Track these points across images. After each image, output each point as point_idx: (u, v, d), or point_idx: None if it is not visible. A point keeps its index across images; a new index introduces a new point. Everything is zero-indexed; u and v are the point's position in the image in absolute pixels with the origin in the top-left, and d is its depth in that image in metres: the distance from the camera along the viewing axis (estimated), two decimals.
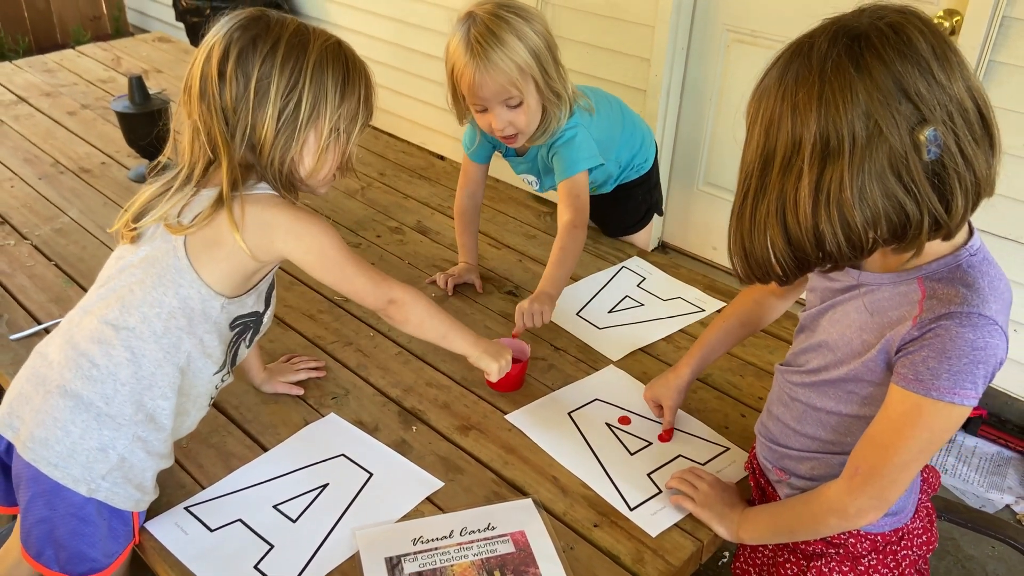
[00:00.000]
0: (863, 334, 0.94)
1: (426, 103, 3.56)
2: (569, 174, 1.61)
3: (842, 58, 0.79)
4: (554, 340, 1.57)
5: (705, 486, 1.18)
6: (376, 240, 1.89)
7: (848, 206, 0.81)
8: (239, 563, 1.10)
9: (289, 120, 1.05)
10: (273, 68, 1.04)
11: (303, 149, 1.08)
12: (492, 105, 1.51)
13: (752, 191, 0.88)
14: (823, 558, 1.08)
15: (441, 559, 1.11)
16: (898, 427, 0.91)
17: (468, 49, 1.45)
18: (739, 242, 0.91)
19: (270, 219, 1.07)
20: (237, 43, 1.04)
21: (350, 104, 1.10)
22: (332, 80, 1.07)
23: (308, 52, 1.06)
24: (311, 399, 1.40)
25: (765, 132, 0.85)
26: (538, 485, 1.24)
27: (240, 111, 1.04)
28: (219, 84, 1.04)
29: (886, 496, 0.96)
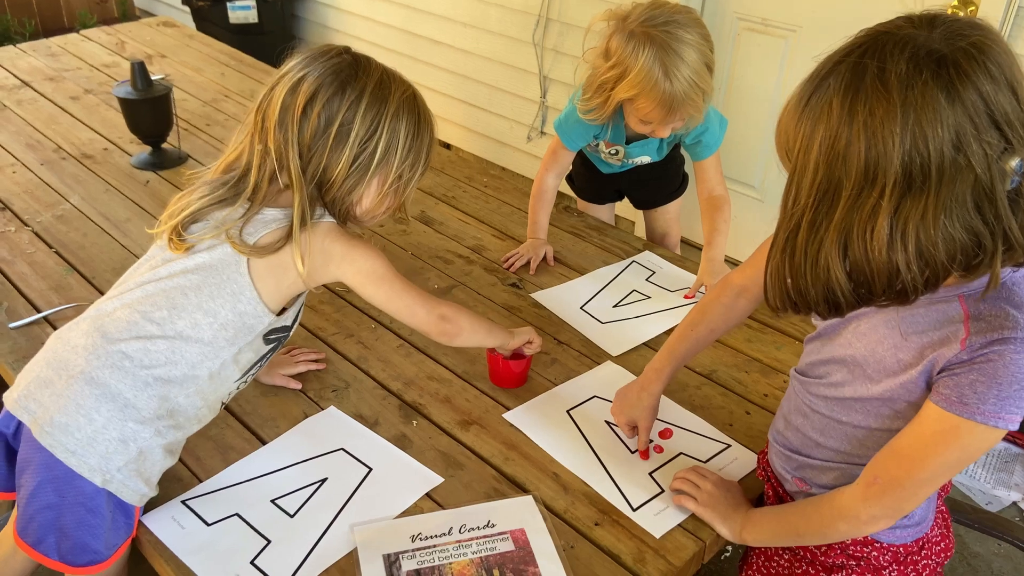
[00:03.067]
0: (898, 353, 0.90)
1: (433, 90, 3.53)
2: (715, 149, 1.72)
3: (929, 84, 0.73)
4: (557, 334, 1.56)
5: (709, 485, 1.16)
6: (379, 230, 1.87)
7: (929, 241, 0.76)
8: (236, 558, 1.09)
9: (362, 166, 1.11)
10: (356, 116, 1.09)
11: (366, 192, 1.14)
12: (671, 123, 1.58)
13: (808, 224, 0.81)
14: (844, 570, 1.06)
15: (440, 557, 1.09)
16: (929, 444, 0.88)
17: (666, 76, 1.47)
18: (785, 278, 0.84)
19: (329, 248, 1.14)
20: (328, 87, 1.09)
21: (415, 154, 1.16)
22: (405, 131, 1.13)
23: (388, 102, 1.12)
24: (311, 391, 1.38)
25: (827, 160, 0.78)
26: (539, 482, 1.22)
27: (316, 149, 1.09)
28: (301, 120, 1.09)
29: (902, 508, 0.94)
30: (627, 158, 1.82)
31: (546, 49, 3.04)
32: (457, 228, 1.90)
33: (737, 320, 1.25)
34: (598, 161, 1.90)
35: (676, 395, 1.40)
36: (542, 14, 2.98)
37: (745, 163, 2.66)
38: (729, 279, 1.23)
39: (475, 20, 3.24)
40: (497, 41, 3.20)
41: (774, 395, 1.41)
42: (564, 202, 2.04)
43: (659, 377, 1.26)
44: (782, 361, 1.49)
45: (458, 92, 3.46)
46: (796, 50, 2.48)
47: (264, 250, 1.10)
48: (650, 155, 1.81)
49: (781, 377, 1.45)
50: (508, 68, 3.20)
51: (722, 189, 1.74)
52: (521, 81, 3.18)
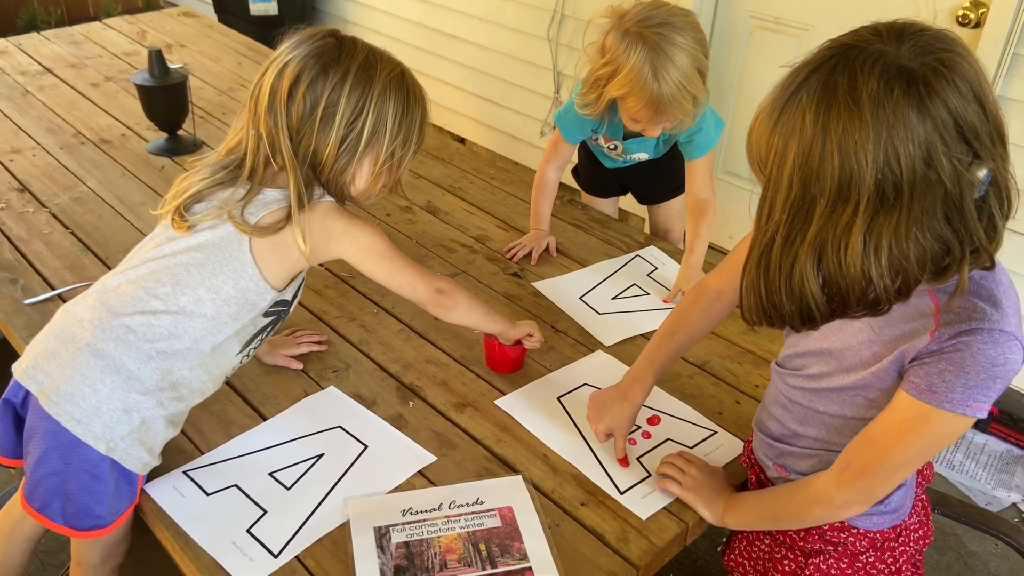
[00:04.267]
0: (872, 346, 0.93)
1: (449, 84, 3.57)
2: (707, 150, 1.72)
3: (900, 102, 0.75)
4: (555, 323, 1.59)
5: (694, 470, 1.19)
6: (386, 219, 1.91)
7: (902, 253, 0.78)
8: (232, 526, 1.13)
9: (350, 146, 1.13)
10: (340, 97, 1.11)
11: (358, 172, 1.16)
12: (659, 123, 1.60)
13: (782, 238, 0.82)
14: (821, 555, 1.09)
15: (428, 530, 1.13)
16: (900, 431, 0.90)
17: (655, 78, 1.49)
18: (760, 291, 0.86)
19: (329, 226, 1.17)
20: (311, 69, 1.11)
21: (406, 133, 1.17)
22: (393, 110, 1.15)
23: (374, 82, 1.13)
24: (312, 372, 1.42)
25: (802, 176, 0.79)
26: (529, 463, 1.25)
27: (304, 132, 1.12)
28: (287, 104, 1.11)
29: (873, 493, 0.97)
30: (625, 154, 1.84)
31: (560, 45, 3.06)
32: (462, 218, 1.93)
33: (715, 323, 1.27)
34: (601, 155, 1.93)
35: (668, 384, 1.43)
36: (557, 10, 3.00)
37: None
38: (705, 283, 1.25)
39: (491, 15, 3.28)
40: (512, 36, 3.23)
41: (765, 386, 1.42)
42: (569, 195, 2.07)
43: (641, 388, 1.25)
44: (775, 353, 1.47)
45: (473, 87, 3.50)
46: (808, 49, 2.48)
47: (266, 230, 1.13)
48: (648, 152, 1.83)
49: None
50: (522, 63, 3.23)
51: (709, 193, 1.74)
52: (535, 76, 3.21)
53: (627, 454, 1.26)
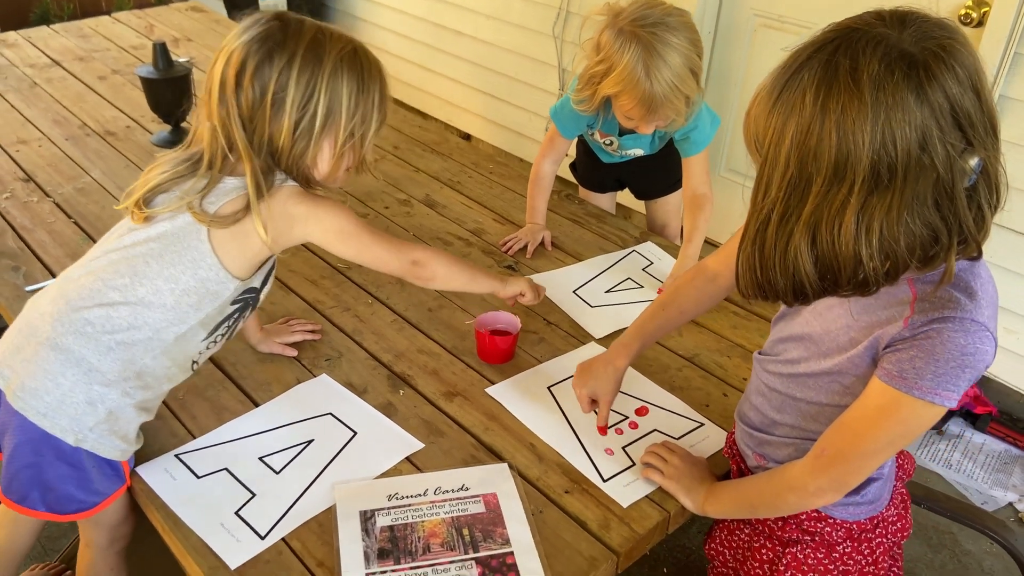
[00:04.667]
0: (850, 331, 0.94)
1: (455, 80, 3.59)
2: (703, 147, 1.73)
3: (900, 85, 0.75)
4: (547, 315, 1.60)
5: (676, 459, 1.20)
6: (384, 211, 1.93)
7: (892, 236, 0.79)
8: (221, 508, 1.15)
9: (305, 130, 1.11)
10: (289, 80, 1.09)
11: (319, 155, 1.15)
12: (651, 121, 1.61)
13: (778, 216, 0.83)
14: (798, 544, 1.10)
15: (413, 515, 1.15)
16: (872, 418, 0.91)
17: (648, 77, 1.51)
18: (756, 267, 0.87)
19: (291, 210, 1.15)
20: (255, 55, 1.09)
21: (363, 111, 1.15)
22: (347, 89, 1.12)
23: (323, 63, 1.11)
24: (305, 360, 1.45)
25: (799, 155, 0.80)
26: (515, 451, 1.27)
27: (257, 120, 1.11)
28: (236, 93, 1.10)
29: (846, 481, 0.98)
30: (621, 149, 1.85)
31: (565, 42, 3.07)
32: (459, 211, 1.95)
33: (708, 304, 1.28)
34: (599, 150, 1.94)
35: (656, 376, 1.44)
36: (563, 7, 3.01)
37: None
38: (704, 264, 1.27)
39: (497, 12, 3.29)
40: (518, 33, 3.24)
41: None
42: (566, 190, 2.09)
43: (626, 352, 1.27)
44: None
45: (479, 83, 3.51)
46: None
47: (225, 220, 1.12)
48: (643, 148, 1.85)
49: None
50: (528, 60, 3.24)
51: (706, 188, 1.75)
52: (540, 73, 3.22)
53: (606, 425, 1.29)
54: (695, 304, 1.29)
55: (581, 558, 1.10)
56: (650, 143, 1.83)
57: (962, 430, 2.37)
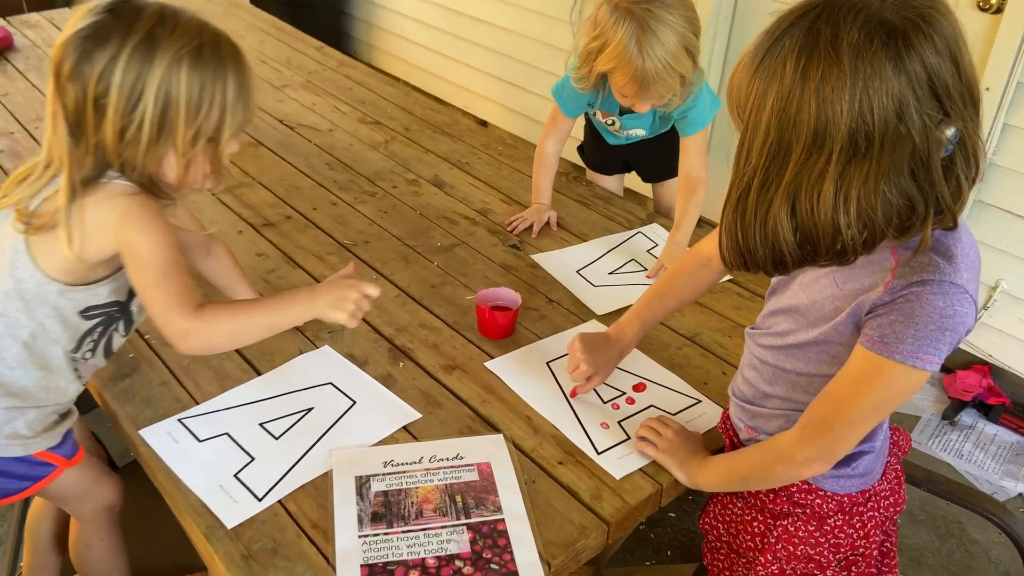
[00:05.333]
0: (835, 300, 0.95)
1: (473, 67, 3.60)
2: (700, 127, 1.72)
3: (879, 54, 0.76)
4: (549, 293, 1.61)
5: (670, 433, 1.21)
6: (392, 190, 1.95)
7: (870, 205, 0.79)
8: (221, 470, 1.17)
9: (132, 139, 1.01)
10: (110, 84, 0.98)
11: (162, 162, 1.05)
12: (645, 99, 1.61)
13: (758, 184, 0.84)
14: (790, 517, 1.10)
15: (407, 481, 1.17)
16: (855, 384, 0.92)
17: (640, 54, 1.51)
18: (737, 236, 0.87)
19: (105, 214, 1.03)
20: (73, 53, 0.99)
21: (211, 113, 1.03)
22: (186, 89, 1.00)
23: (155, 61, 0.99)
24: (308, 331, 1.47)
25: (779, 122, 0.81)
26: (511, 423, 1.28)
27: (84, 122, 1.01)
28: (60, 93, 1.01)
29: (833, 449, 0.98)
30: (623, 129, 1.86)
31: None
32: (466, 191, 1.96)
33: (703, 288, 1.30)
34: (605, 132, 1.94)
35: (656, 354, 1.45)
36: None
37: None
38: (698, 249, 1.28)
39: None
40: (535, 19, 3.24)
41: None
42: (574, 172, 2.09)
43: (630, 341, 1.32)
44: None
45: (496, 70, 3.52)
46: None
47: (42, 218, 1.04)
48: (644, 128, 1.85)
49: None
50: (545, 46, 3.24)
51: (701, 170, 1.74)
52: (557, 60, 3.20)
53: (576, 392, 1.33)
54: (691, 291, 1.30)
55: (572, 526, 1.11)
56: (650, 124, 1.83)
57: (974, 421, 2.35)
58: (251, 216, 1.81)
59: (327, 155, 2.10)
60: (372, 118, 2.32)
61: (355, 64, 2.71)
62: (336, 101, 2.42)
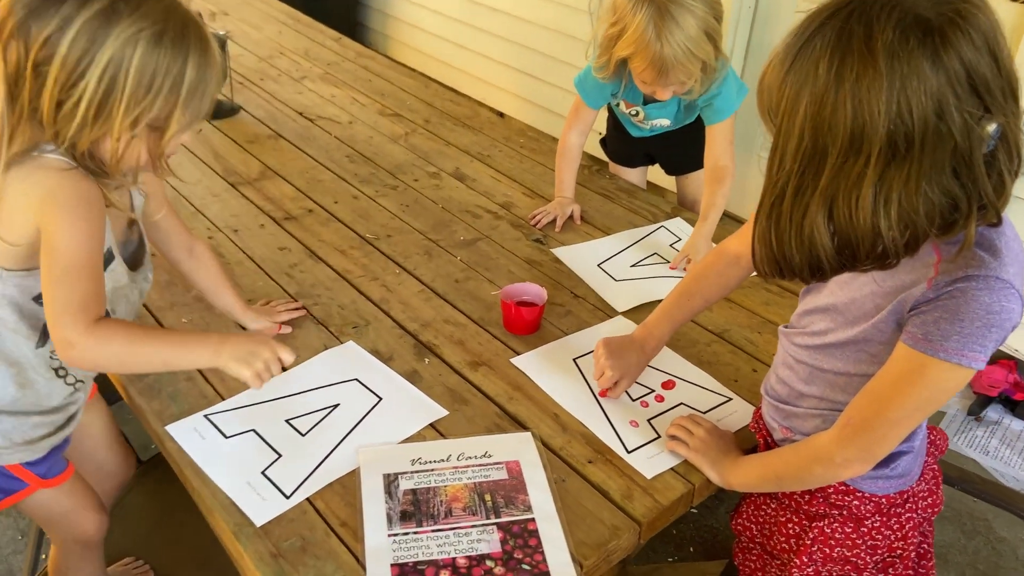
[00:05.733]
0: (875, 298, 0.93)
1: (490, 58, 3.57)
2: (727, 115, 1.69)
3: (915, 52, 0.74)
4: (575, 288, 1.59)
5: (702, 432, 1.19)
6: (413, 184, 1.93)
7: (912, 207, 0.77)
8: (248, 468, 1.17)
9: (67, 115, 0.93)
10: (54, 55, 0.90)
11: (98, 141, 0.97)
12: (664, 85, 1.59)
13: (793, 189, 0.82)
14: (826, 519, 1.08)
15: (436, 480, 1.15)
16: (898, 383, 0.89)
17: (658, 38, 1.49)
18: (771, 243, 0.85)
19: (28, 189, 0.96)
20: (23, 7, 0.90)
21: (157, 101, 0.95)
22: (135, 75, 0.92)
23: (107, 39, 0.91)
24: (332, 327, 1.45)
25: (813, 126, 0.79)
26: (539, 421, 1.27)
27: (21, 86, 0.93)
28: (3, 51, 0.92)
29: (873, 450, 0.96)
30: (647, 120, 1.83)
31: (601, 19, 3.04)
32: (489, 185, 1.94)
33: (731, 287, 1.28)
34: (628, 124, 1.92)
35: (685, 351, 1.43)
36: None
37: None
38: (725, 246, 1.25)
39: None
40: (554, 10, 3.21)
41: None
42: (596, 165, 2.07)
43: (657, 344, 1.31)
44: None
45: (514, 61, 3.49)
46: None
47: None
48: (668, 118, 1.82)
49: None
50: (563, 36, 3.21)
51: (727, 160, 1.71)
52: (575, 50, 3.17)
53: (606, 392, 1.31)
54: (719, 289, 1.28)
55: (603, 526, 1.10)
56: (675, 114, 1.80)
57: (1001, 416, 2.32)
58: (272, 209, 1.80)
59: (347, 148, 2.09)
60: (392, 110, 2.31)
61: (374, 55, 2.70)
62: (355, 93, 2.40)
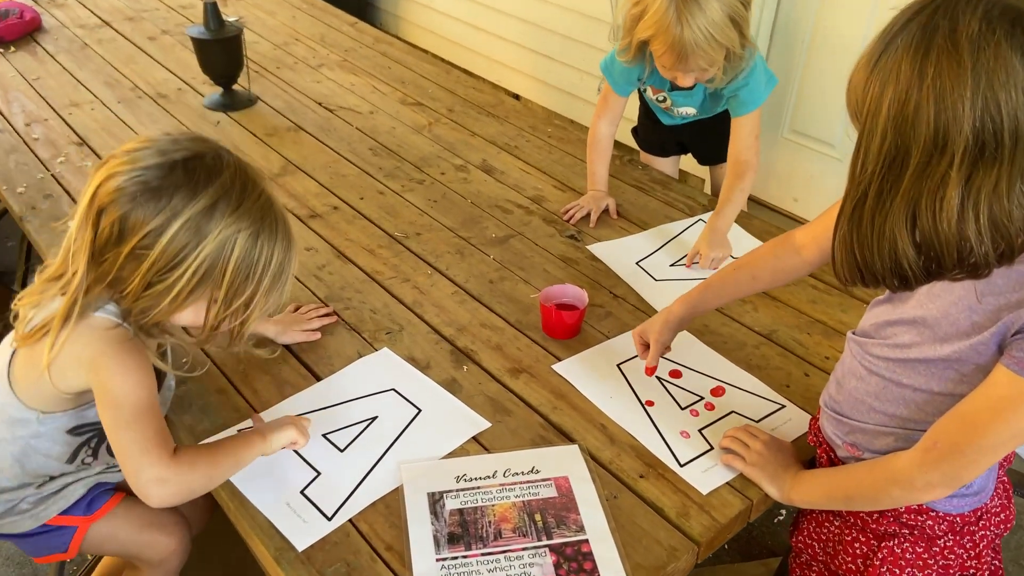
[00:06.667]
0: (973, 315, 0.86)
1: (504, 39, 3.48)
2: (752, 107, 1.64)
3: (1003, 45, 0.70)
4: (614, 288, 1.54)
5: (759, 445, 1.14)
6: (440, 177, 1.87)
7: (1003, 212, 0.73)
8: (286, 487, 1.12)
9: (156, 294, 0.97)
10: (155, 245, 0.94)
11: (176, 315, 1.01)
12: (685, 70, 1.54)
13: (875, 192, 0.78)
14: (896, 538, 1.03)
15: (483, 498, 1.11)
16: (996, 409, 0.84)
17: (679, 21, 1.44)
18: (853, 250, 0.81)
19: (80, 351, 1.00)
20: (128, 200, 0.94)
21: (249, 292, 1.01)
22: (231, 274, 0.98)
23: (208, 237, 0.95)
24: (365, 333, 1.40)
25: (896, 126, 0.75)
26: (585, 432, 1.22)
27: (108, 256, 0.96)
28: (96, 219, 0.96)
29: (960, 476, 0.91)
30: (674, 107, 1.77)
31: None
32: (518, 177, 1.88)
33: (786, 276, 1.23)
34: (659, 112, 1.85)
35: (732, 354, 1.37)
36: None
37: (825, 120, 2.54)
38: (791, 234, 1.20)
39: None
40: None
41: (836, 358, 1.37)
42: (628, 155, 2.00)
43: (685, 301, 1.26)
44: (847, 324, 1.44)
45: (529, 41, 3.41)
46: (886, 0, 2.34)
47: (28, 338, 1.01)
48: (694, 106, 1.76)
49: (845, 340, 1.40)
50: (581, 16, 3.13)
51: (750, 154, 1.66)
52: (592, 31, 3.10)
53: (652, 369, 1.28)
54: (771, 273, 1.23)
55: (660, 547, 1.05)
56: (701, 103, 1.74)
57: None
58: (296, 207, 1.74)
59: (370, 139, 2.02)
60: (413, 99, 2.24)
61: (392, 40, 2.62)
62: (375, 81, 2.33)
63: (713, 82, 1.60)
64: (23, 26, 2.46)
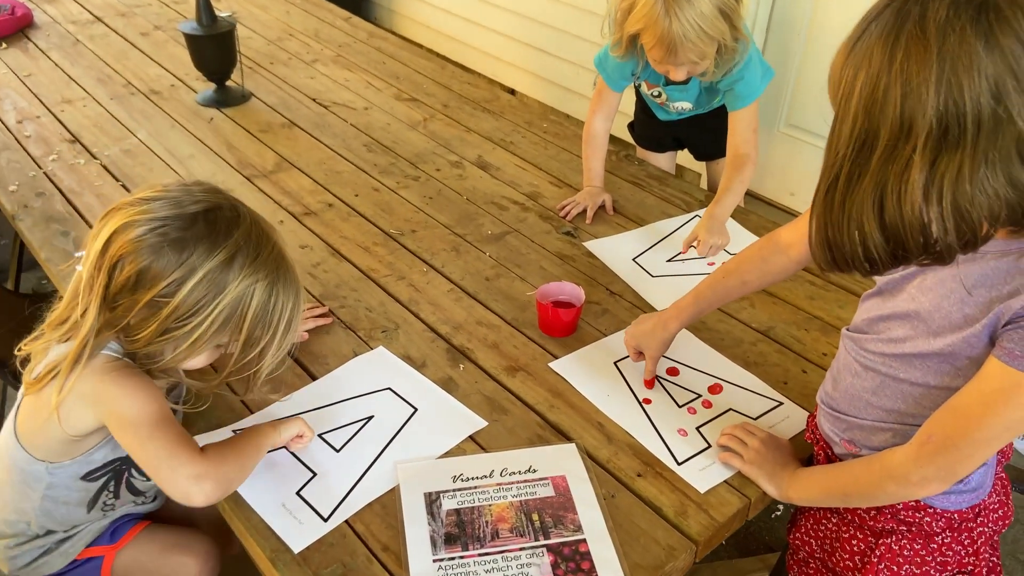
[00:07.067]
0: (964, 307, 0.86)
1: (499, 33, 3.46)
2: (749, 101, 1.63)
3: (967, 31, 0.69)
4: (610, 285, 1.53)
5: (756, 442, 1.14)
6: (435, 174, 1.86)
7: (965, 198, 0.72)
8: (282, 488, 1.11)
9: (170, 340, 0.97)
10: (174, 296, 0.95)
11: (186, 359, 1.02)
12: (675, 64, 1.53)
13: (844, 176, 0.78)
14: (893, 535, 1.03)
15: (480, 498, 1.10)
16: (989, 402, 0.83)
17: (667, 14, 1.44)
18: (824, 232, 0.81)
19: (88, 391, 0.99)
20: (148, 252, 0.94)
21: (265, 340, 1.02)
22: (247, 327, 0.99)
23: (226, 289, 0.97)
24: (361, 331, 1.39)
25: (866, 109, 0.75)
26: (583, 431, 1.21)
27: (122, 303, 0.96)
28: (112, 267, 0.95)
29: (955, 470, 0.90)
30: (669, 102, 1.76)
31: None
32: (513, 174, 1.87)
33: (776, 276, 1.22)
34: (655, 107, 1.84)
35: (729, 351, 1.37)
36: None
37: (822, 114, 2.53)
38: (777, 234, 1.20)
39: None
40: None
41: (833, 354, 1.35)
42: (624, 150, 1.99)
43: (679, 316, 1.27)
44: (844, 320, 1.43)
45: (523, 35, 3.39)
46: None
47: (34, 385, 1.01)
48: (689, 101, 1.76)
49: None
50: (576, 10, 3.11)
51: (749, 147, 1.66)
52: (588, 24, 3.09)
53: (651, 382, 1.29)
54: (759, 275, 1.23)
55: (658, 547, 1.05)
56: (696, 97, 1.74)
57: None
58: (291, 204, 1.73)
59: (364, 136, 2.01)
60: (408, 94, 2.22)
61: (386, 36, 2.60)
62: (369, 76, 2.32)
63: (706, 76, 1.59)
64: (14, 22, 2.44)
